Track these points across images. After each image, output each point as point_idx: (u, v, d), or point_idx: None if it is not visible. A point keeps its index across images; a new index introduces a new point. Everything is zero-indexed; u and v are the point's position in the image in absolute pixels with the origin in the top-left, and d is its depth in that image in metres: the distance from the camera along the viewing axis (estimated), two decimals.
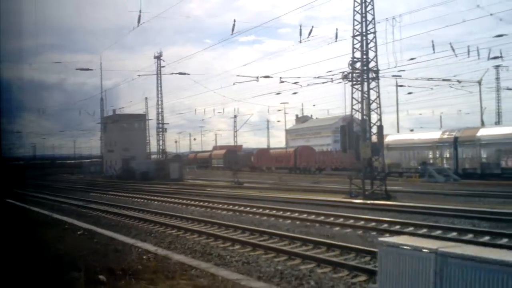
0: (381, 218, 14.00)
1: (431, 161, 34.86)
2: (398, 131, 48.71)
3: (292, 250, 9.86)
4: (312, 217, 15.02)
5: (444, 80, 36.10)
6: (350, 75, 19.99)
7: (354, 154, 21.19)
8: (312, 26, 22.94)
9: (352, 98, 20.16)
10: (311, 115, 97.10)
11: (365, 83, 20.01)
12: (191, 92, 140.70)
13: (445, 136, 34.42)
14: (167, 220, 15.39)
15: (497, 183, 27.76)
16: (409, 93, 41.50)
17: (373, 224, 13.34)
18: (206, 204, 20.19)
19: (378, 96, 20.05)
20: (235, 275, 7.69)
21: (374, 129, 20.62)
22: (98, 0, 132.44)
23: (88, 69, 40.62)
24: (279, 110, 74.48)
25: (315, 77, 24.04)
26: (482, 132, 32.13)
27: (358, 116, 20.84)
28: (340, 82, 20.72)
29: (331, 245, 10.04)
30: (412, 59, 22.69)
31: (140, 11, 25.07)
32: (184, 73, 34.39)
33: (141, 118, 52.49)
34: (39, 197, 27.02)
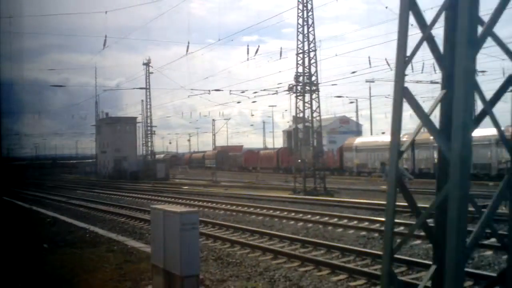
0: (301, 210, 16.99)
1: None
2: (371, 134, 51.67)
3: (207, 232, 12.87)
4: (245, 208, 18.08)
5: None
6: (294, 87, 23.01)
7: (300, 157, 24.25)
8: (258, 46, 26.01)
9: (297, 107, 23.21)
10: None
11: (307, 94, 23.04)
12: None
13: (404, 139, 37.21)
14: (124, 211, 18.51)
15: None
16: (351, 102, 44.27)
17: (292, 214, 16.29)
18: (170, 199, 23.26)
19: (319, 106, 23.07)
20: (139, 244, 10.81)
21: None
22: (98, 0, 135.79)
23: (61, 86, 42.85)
24: (285, 111, 77.56)
25: (262, 90, 27.25)
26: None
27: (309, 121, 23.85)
28: (288, 93, 23.70)
29: (241, 229, 12.99)
30: (353, 72, 25.66)
31: (106, 36, 27.25)
32: (143, 88, 37.53)
33: (132, 121, 55.73)
34: (30, 194, 30.18)
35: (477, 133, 24.77)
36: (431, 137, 21.60)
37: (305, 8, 23.00)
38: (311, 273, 8.07)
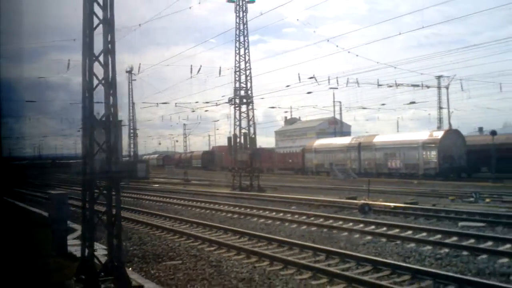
0: (225, 202, 21.24)
1: (347, 162, 42.08)
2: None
3: (132, 217, 17.19)
4: (182, 201, 22.44)
5: None
6: (233, 100, 27.42)
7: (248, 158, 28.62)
8: (201, 65, 30.57)
9: (235, 117, 27.64)
10: (299, 117, 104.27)
11: (244, 106, 27.46)
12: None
13: (353, 142, 41.73)
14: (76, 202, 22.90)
15: (383, 180, 34.92)
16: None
17: (216, 206, 20.49)
18: (129, 194, 27.61)
19: (253, 116, 27.48)
20: (75, 225, 15.19)
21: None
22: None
23: (32, 101, 43.54)
24: (286, 111, 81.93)
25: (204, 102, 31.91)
26: (377, 139, 39.44)
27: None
28: (230, 104, 28.08)
29: (170, 217, 17.17)
30: (288, 86, 30.04)
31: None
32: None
33: (119, 124, 59.97)
34: (18, 192, 34.56)
35: (408, 137, 32.01)
36: (373, 140, 28.63)
37: (242, 34, 27.42)
38: (208, 249, 12.19)
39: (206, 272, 8.60)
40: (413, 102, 44.08)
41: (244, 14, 27.29)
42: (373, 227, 12.80)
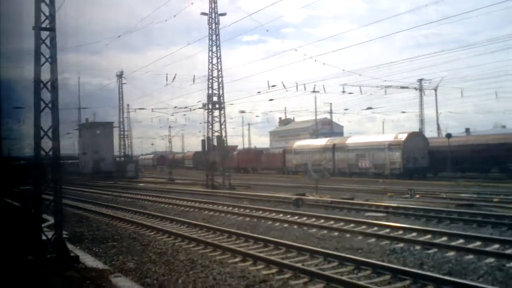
0: (187, 198, 23.60)
1: (323, 162, 44.34)
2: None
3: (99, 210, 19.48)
4: (152, 198, 24.72)
5: None
6: (206, 105, 29.75)
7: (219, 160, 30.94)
8: (176, 74, 32.93)
9: (208, 121, 29.96)
10: (293, 118, 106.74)
11: (216, 111, 29.79)
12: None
13: (328, 144, 44.02)
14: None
15: (352, 179, 37.21)
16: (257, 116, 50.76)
17: (178, 201, 22.85)
18: (114, 192, 29.91)
19: (224, 120, 29.80)
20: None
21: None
22: (98, 1, 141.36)
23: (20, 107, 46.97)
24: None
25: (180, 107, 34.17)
26: (349, 141, 41.74)
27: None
28: (204, 109, 30.38)
29: (133, 211, 19.54)
30: (259, 92, 32.35)
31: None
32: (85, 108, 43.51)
33: (109, 126, 62.50)
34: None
35: (376, 139, 35.16)
36: (346, 141, 31.91)
37: (214, 44, 29.75)
38: (148, 234, 14.65)
39: (135, 249, 10.91)
40: (403, 113, 46.18)
41: (216, 26, 29.62)
42: (296, 217, 15.09)
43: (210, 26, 29.61)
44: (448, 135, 32.05)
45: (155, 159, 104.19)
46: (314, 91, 50.13)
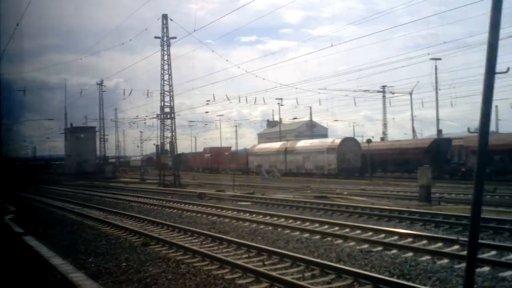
0: (135, 194, 28.57)
1: (277, 164, 49.40)
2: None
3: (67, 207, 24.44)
4: (109, 195, 29.68)
5: None
6: (159, 115, 34.80)
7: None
8: (132, 89, 37.99)
9: (160, 129, 34.99)
10: (281, 119, 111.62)
11: (169, 120, 34.86)
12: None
13: (282, 147, 49.13)
14: (32, 196, 30.20)
15: (294, 179, 42.25)
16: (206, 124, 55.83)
17: (125, 197, 27.83)
18: (85, 191, 34.83)
19: (174, 129, 34.88)
20: None
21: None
22: (98, 1, 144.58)
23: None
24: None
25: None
26: (298, 144, 46.89)
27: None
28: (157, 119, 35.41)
29: (85, 205, 24.55)
30: (208, 101, 37.36)
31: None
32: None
33: (92, 130, 67.65)
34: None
35: (318, 143, 42.13)
36: (296, 145, 39.17)
37: (165, 62, 34.83)
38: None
39: (58, 228, 15.91)
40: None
41: (168, 47, 34.70)
42: (195, 207, 20.11)
43: (162, 48, 34.70)
44: (368, 141, 37.16)
45: (143, 161, 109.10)
46: (277, 98, 55.64)
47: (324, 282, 7.52)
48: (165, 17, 34.58)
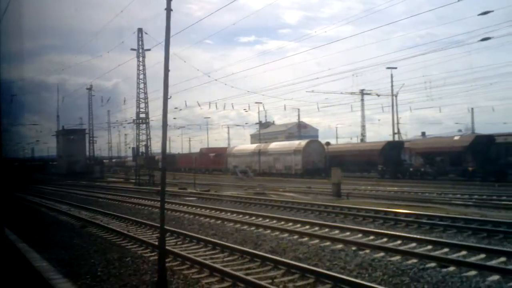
0: (106, 192, 31.91)
1: (252, 164, 52.74)
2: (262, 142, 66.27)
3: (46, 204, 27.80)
4: (86, 192, 33.03)
5: None
6: (135, 121, 38.17)
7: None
8: (110, 97, 41.27)
9: (137, 134, 38.35)
10: (273, 121, 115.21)
11: (144, 125, 38.24)
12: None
13: (256, 148, 52.50)
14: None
15: (272, 178, 45.57)
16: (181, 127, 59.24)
17: (97, 194, 31.18)
18: (68, 189, 38.16)
19: (149, 133, 38.25)
20: None
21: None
22: (98, 1, 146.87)
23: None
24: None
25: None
26: (270, 146, 50.26)
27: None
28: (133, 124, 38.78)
29: (59, 201, 27.94)
30: (177, 108, 40.71)
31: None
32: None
33: (82, 132, 71.02)
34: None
35: (287, 145, 46.77)
36: (268, 147, 43.61)
37: (141, 72, 38.22)
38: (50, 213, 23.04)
39: (28, 220, 19.24)
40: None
41: (143, 58, 38.09)
42: (148, 202, 23.40)
43: (138, 59, 38.10)
44: (327, 143, 40.53)
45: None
46: (257, 102, 59.05)
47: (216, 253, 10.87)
48: (140, 30, 37.98)
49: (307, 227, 13.37)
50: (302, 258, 9.25)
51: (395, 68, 45.51)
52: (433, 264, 8.45)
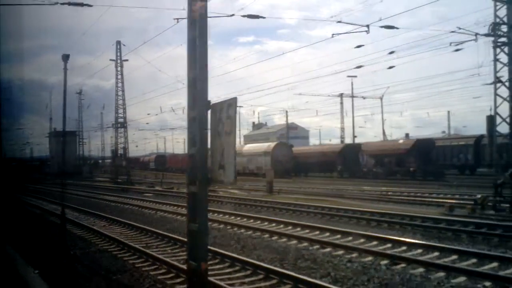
0: (85, 189, 35.49)
1: None
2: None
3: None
4: (69, 190, 36.61)
5: None
6: (113, 125, 41.90)
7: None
8: (90, 103, 45.05)
9: (115, 136, 42.04)
10: (266, 122, 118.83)
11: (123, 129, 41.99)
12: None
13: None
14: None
15: (249, 178, 49.14)
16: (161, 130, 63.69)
17: (75, 191, 34.75)
18: (52, 188, 41.70)
19: (127, 136, 41.95)
20: None
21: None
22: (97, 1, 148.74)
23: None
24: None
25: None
26: (245, 148, 53.99)
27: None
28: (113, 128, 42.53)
29: (41, 198, 31.50)
30: (149, 113, 44.33)
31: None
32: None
33: (73, 134, 74.82)
34: None
35: (258, 147, 51.55)
36: (243, 149, 48.34)
37: (119, 81, 41.95)
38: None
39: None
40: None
41: (121, 68, 41.83)
42: (113, 197, 27.01)
43: (116, 68, 41.83)
44: (291, 146, 44.20)
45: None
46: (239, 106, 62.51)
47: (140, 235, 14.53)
48: (118, 43, 41.72)
49: (215, 214, 17.07)
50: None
51: (355, 76, 49.10)
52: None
